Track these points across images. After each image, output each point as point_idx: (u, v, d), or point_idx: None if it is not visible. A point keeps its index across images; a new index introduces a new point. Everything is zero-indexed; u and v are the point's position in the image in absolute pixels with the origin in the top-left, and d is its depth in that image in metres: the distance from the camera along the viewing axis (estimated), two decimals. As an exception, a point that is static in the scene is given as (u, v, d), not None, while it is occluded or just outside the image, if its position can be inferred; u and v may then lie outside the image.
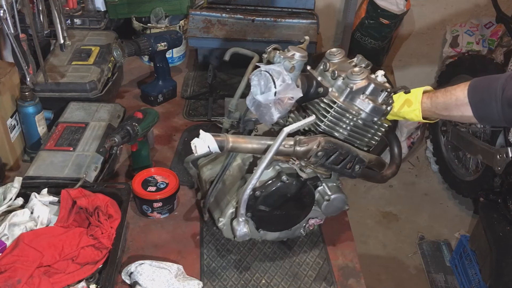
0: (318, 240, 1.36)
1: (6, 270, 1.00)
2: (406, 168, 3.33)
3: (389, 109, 1.18)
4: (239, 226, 1.17)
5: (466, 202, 3.04)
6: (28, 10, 1.40)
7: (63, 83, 1.65)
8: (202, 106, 1.89)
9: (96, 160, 1.41)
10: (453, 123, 2.80)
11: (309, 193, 1.22)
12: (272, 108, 1.07)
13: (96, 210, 1.15)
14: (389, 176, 1.32)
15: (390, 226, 2.91)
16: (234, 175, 1.28)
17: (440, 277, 2.60)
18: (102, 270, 1.09)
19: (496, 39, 2.95)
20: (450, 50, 3.09)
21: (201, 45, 2.04)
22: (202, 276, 1.23)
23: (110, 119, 1.58)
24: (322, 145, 1.11)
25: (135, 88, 1.96)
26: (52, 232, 1.10)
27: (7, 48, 1.92)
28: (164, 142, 1.69)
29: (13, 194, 1.18)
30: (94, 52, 1.82)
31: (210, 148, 1.05)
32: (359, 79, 1.13)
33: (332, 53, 1.22)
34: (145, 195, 1.34)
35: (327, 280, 1.24)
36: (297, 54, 1.10)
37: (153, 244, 1.30)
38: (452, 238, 2.82)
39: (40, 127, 1.53)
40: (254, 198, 1.17)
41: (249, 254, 1.30)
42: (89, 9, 2.07)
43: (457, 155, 3.02)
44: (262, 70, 1.07)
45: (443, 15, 3.14)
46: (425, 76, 3.38)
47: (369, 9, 2.87)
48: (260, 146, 1.11)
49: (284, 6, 2.17)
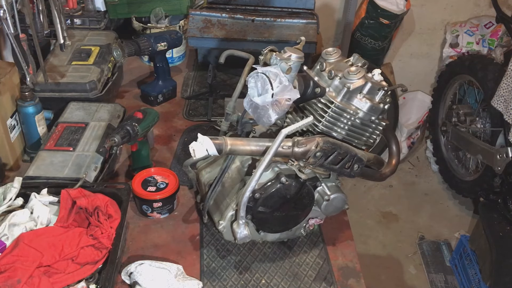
0: (318, 240, 1.36)
1: (6, 270, 1.00)
2: (406, 168, 3.33)
3: (386, 107, 1.18)
4: (240, 228, 1.16)
5: (466, 202, 3.03)
6: (28, 10, 1.40)
7: (63, 83, 1.65)
8: (202, 106, 1.89)
9: (96, 160, 1.41)
10: (453, 123, 2.80)
11: (308, 193, 1.22)
12: (270, 110, 1.07)
13: (96, 210, 1.15)
14: (388, 174, 1.33)
15: (390, 226, 2.92)
16: (233, 177, 1.28)
17: (440, 277, 2.60)
18: (102, 270, 1.09)
19: (496, 39, 2.94)
20: (450, 50, 3.08)
21: (201, 45, 2.04)
22: (202, 276, 1.23)
23: (110, 119, 1.58)
24: (320, 145, 1.11)
25: (135, 88, 1.97)
26: (52, 232, 1.10)
27: (7, 48, 1.92)
28: (164, 142, 1.69)
29: (13, 194, 1.18)
30: (94, 52, 1.82)
31: (208, 152, 1.05)
32: (356, 78, 1.13)
33: (329, 53, 1.22)
34: (145, 195, 1.35)
35: (327, 280, 1.24)
36: (294, 55, 1.10)
37: (153, 244, 1.31)
38: (452, 238, 2.82)
39: (40, 127, 1.54)
40: (254, 200, 1.18)
41: (249, 255, 1.30)
42: (89, 9, 2.07)
43: (457, 155, 3.02)
44: (259, 72, 1.07)
45: (443, 15, 3.14)
46: (425, 76, 3.38)
47: (369, 9, 2.87)
48: (259, 148, 1.11)
49: (284, 6, 2.17)
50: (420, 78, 3.37)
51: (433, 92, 3.15)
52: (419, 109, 3.28)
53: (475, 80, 2.69)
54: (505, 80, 2.18)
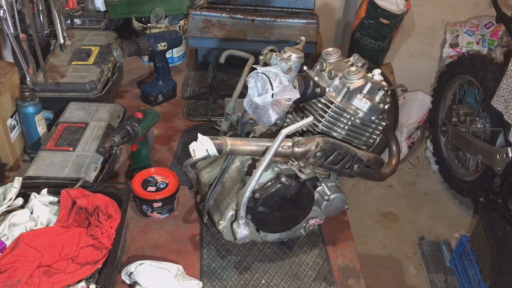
0: (318, 240, 1.36)
1: (6, 270, 1.00)
2: (406, 168, 3.33)
3: (386, 107, 1.18)
4: (240, 228, 1.16)
5: (466, 202, 3.03)
6: (28, 10, 1.40)
7: (63, 83, 1.65)
8: (202, 106, 1.89)
9: (96, 160, 1.41)
10: (453, 123, 2.80)
11: (308, 193, 1.22)
12: (270, 110, 1.07)
13: (96, 210, 1.15)
14: (388, 174, 1.33)
15: (390, 226, 2.92)
16: (233, 177, 1.28)
17: (440, 277, 2.60)
18: (102, 270, 1.09)
19: (496, 39, 2.94)
20: (450, 50, 3.08)
21: (201, 45, 2.04)
22: (202, 276, 1.23)
23: (110, 119, 1.58)
24: (320, 145, 1.11)
25: (135, 88, 1.97)
26: (52, 232, 1.10)
27: (7, 48, 1.92)
28: (164, 142, 1.69)
29: (13, 194, 1.18)
30: (94, 52, 1.82)
31: (208, 152, 1.05)
32: (356, 78, 1.14)
33: (329, 53, 1.22)
34: (145, 195, 1.35)
35: (327, 280, 1.24)
36: (294, 55, 1.10)
37: (153, 244, 1.31)
38: (452, 238, 2.82)
39: (40, 127, 1.54)
40: (254, 200, 1.18)
41: (249, 255, 1.30)
42: (89, 9, 2.07)
43: (457, 155, 3.02)
44: (259, 72, 1.07)
45: (443, 15, 3.14)
46: (425, 76, 3.38)
47: (369, 9, 2.87)
48: (259, 148, 1.12)
49: (284, 6, 2.17)
50: (420, 78, 3.37)
51: (433, 92, 3.15)
52: (419, 109, 3.28)
53: (475, 80, 2.69)
54: (505, 80, 2.18)
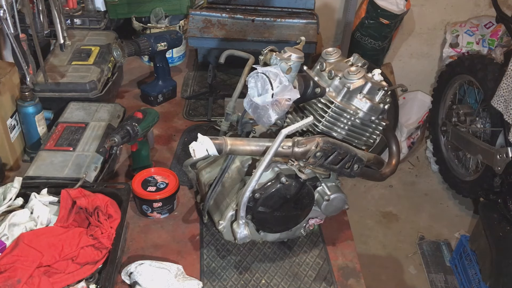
0: (318, 240, 1.36)
1: (6, 270, 1.00)
2: (406, 168, 3.33)
3: (386, 107, 1.18)
4: (240, 228, 1.16)
5: (466, 202, 3.03)
6: (28, 10, 1.40)
7: (63, 83, 1.65)
8: (202, 106, 1.89)
9: (96, 160, 1.41)
10: (453, 123, 2.80)
11: (308, 193, 1.22)
12: (270, 110, 1.07)
13: (96, 210, 1.15)
14: (388, 174, 1.33)
15: (390, 226, 2.92)
16: (233, 177, 1.28)
17: (440, 277, 2.60)
18: (102, 270, 1.09)
19: (496, 39, 2.94)
20: (450, 50, 3.08)
21: (201, 45, 2.04)
22: (202, 276, 1.23)
23: (110, 119, 1.58)
24: (320, 145, 1.11)
25: (135, 88, 1.97)
26: (52, 232, 1.10)
27: (7, 48, 1.92)
28: (164, 142, 1.69)
29: (13, 194, 1.18)
30: (94, 52, 1.82)
31: (208, 152, 1.05)
32: (356, 78, 1.13)
33: (329, 53, 1.22)
34: (145, 195, 1.35)
35: (327, 280, 1.24)
36: (294, 55, 1.10)
37: (153, 244, 1.31)
38: (452, 238, 2.82)
39: (40, 127, 1.54)
40: (254, 200, 1.17)
41: (249, 255, 1.30)
42: (89, 9, 2.07)
43: (457, 155, 3.02)
44: (259, 72, 1.07)
45: (443, 15, 3.14)
46: (425, 76, 3.38)
47: (369, 9, 2.87)
48: (259, 148, 1.11)
49: (284, 6, 2.17)
50: (420, 78, 3.37)
51: (433, 92, 3.15)
52: (419, 109, 3.28)
53: (475, 80, 2.69)
54: (505, 80, 2.18)
